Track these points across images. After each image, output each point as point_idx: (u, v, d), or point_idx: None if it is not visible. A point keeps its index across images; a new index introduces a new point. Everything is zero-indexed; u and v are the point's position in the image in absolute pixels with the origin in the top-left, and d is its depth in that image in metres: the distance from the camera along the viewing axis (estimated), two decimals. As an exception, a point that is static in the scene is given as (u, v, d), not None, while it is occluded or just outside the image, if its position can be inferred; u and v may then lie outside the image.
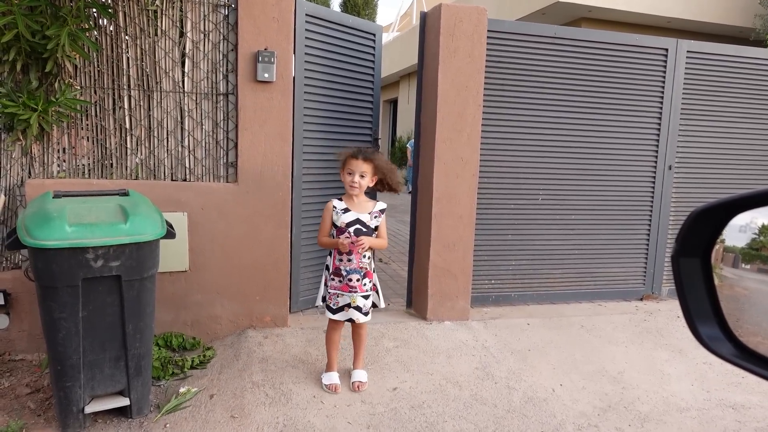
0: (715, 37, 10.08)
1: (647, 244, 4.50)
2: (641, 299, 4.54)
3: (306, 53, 3.57)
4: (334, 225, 2.79)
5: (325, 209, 2.82)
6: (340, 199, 2.81)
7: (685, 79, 4.36)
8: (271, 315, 3.54)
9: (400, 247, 6.27)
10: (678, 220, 4.54)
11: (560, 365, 3.31)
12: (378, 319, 3.67)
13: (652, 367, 3.35)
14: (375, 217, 2.80)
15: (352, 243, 2.69)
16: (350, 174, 2.74)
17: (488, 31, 3.74)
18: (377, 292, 2.91)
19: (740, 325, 0.76)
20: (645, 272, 4.54)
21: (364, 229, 2.76)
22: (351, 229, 2.74)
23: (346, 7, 17.15)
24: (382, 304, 2.96)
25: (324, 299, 2.87)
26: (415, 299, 4.01)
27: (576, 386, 3.07)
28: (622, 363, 3.38)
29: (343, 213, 2.77)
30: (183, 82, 3.33)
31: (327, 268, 2.86)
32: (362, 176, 2.73)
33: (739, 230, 0.72)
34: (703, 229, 0.75)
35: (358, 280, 2.77)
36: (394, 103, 19.25)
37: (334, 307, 2.81)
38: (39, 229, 2.25)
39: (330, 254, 2.85)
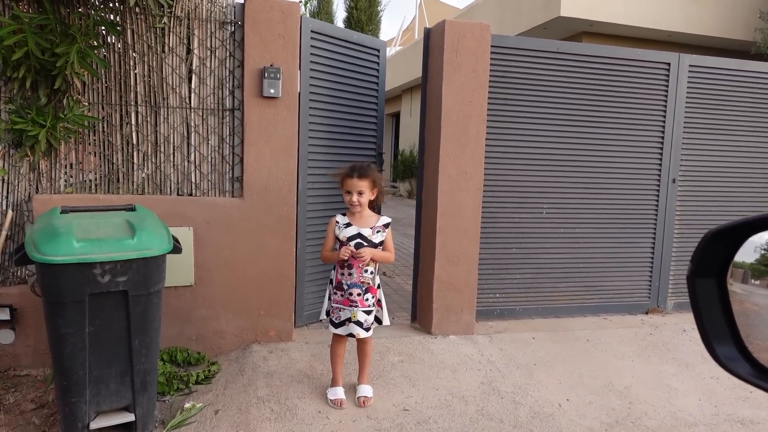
0: (716, 50, 10.13)
1: (652, 258, 4.49)
2: (646, 313, 4.52)
3: (311, 69, 3.61)
4: (337, 239, 2.81)
5: (329, 225, 2.85)
6: (344, 214, 2.83)
7: (687, 93, 4.38)
8: (275, 329, 3.54)
9: (404, 261, 6.26)
10: (682, 233, 4.54)
11: (566, 380, 3.29)
12: (382, 333, 3.66)
13: (659, 382, 3.33)
14: (378, 231, 2.81)
15: (352, 257, 2.70)
16: (348, 193, 2.75)
17: (491, 46, 3.77)
18: (382, 308, 2.90)
19: (750, 341, 0.76)
20: (650, 286, 4.53)
21: (365, 244, 2.76)
22: (352, 244, 2.75)
23: (349, 23, 17.27)
24: (387, 321, 2.92)
25: (328, 313, 2.88)
26: (419, 313, 4.00)
27: (583, 401, 3.05)
28: (629, 377, 3.36)
29: (345, 227, 2.78)
30: (190, 98, 3.36)
31: (331, 281, 2.87)
32: (360, 194, 2.74)
33: (754, 250, 0.73)
34: (718, 249, 0.75)
35: (359, 294, 2.77)
36: (396, 116, 19.33)
37: (336, 321, 2.81)
38: (47, 244, 2.26)
39: (334, 268, 2.86)
